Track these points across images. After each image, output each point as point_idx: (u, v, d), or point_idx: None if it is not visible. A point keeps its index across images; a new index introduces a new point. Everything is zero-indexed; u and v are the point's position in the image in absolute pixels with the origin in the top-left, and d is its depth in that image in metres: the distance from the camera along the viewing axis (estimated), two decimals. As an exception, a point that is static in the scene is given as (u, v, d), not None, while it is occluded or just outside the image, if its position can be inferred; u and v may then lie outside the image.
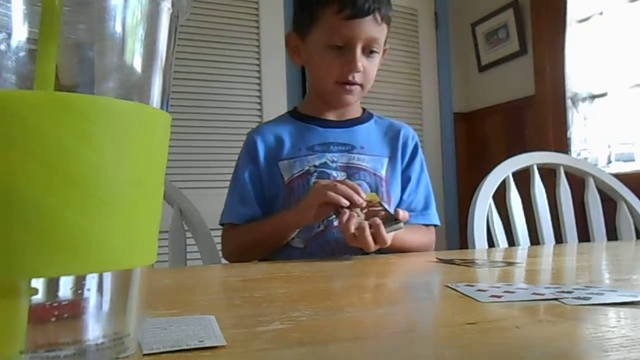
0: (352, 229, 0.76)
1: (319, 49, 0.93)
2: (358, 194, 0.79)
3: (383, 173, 0.98)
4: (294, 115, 1.04)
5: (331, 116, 1.01)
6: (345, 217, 0.77)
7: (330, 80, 0.94)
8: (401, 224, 0.78)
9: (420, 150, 1.04)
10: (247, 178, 0.97)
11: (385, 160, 0.99)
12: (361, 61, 0.91)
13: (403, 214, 0.80)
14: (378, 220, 0.77)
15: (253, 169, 0.98)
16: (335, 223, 0.88)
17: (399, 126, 1.05)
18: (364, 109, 1.06)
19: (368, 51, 0.93)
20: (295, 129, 1.00)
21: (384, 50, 1.00)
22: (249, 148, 0.99)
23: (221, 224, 0.98)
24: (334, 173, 0.94)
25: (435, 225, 1.00)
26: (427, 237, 0.98)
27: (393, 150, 1.01)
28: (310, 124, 1.00)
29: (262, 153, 0.98)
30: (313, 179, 0.93)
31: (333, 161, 0.96)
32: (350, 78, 0.92)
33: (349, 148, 0.97)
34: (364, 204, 0.79)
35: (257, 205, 0.96)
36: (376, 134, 1.03)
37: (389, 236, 0.76)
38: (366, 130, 1.02)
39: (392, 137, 1.02)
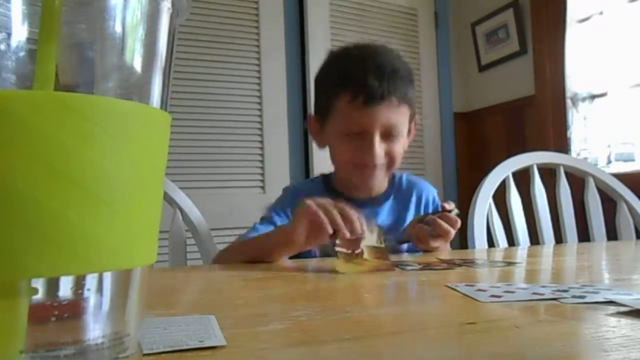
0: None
1: (336, 137, 0.92)
2: (352, 223, 0.68)
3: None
4: (327, 185, 1.02)
5: (358, 194, 0.97)
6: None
7: (350, 166, 0.93)
8: (456, 210, 0.82)
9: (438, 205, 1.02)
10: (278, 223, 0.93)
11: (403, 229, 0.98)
12: (380, 147, 0.89)
13: (448, 205, 0.82)
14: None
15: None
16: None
17: (420, 190, 1.03)
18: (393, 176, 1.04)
19: (389, 135, 0.90)
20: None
21: (414, 124, 0.98)
22: (293, 202, 0.92)
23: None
24: None
25: None
26: None
27: (415, 213, 1.00)
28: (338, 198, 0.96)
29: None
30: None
31: None
32: (369, 162, 0.90)
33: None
34: (348, 235, 0.67)
35: None
36: (398, 210, 1.01)
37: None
38: (389, 209, 1.00)
39: (414, 203, 1.01)
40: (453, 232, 0.82)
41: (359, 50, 0.93)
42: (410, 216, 1.00)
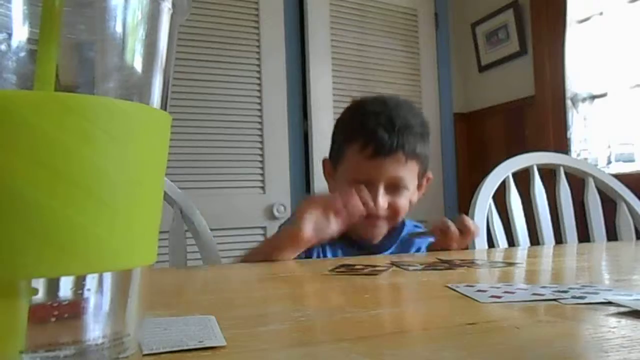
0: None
1: (344, 184, 0.94)
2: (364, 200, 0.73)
3: None
4: None
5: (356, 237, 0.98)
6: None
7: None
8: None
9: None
10: None
11: None
12: (384, 198, 0.91)
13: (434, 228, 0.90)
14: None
15: None
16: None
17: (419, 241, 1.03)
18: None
19: (394, 187, 0.92)
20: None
21: (427, 179, 1.01)
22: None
23: None
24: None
25: None
26: None
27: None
28: (341, 242, 0.96)
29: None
30: None
31: None
32: (373, 213, 0.91)
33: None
34: (361, 208, 0.72)
35: None
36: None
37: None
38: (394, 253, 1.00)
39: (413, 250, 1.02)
40: (473, 230, 0.88)
41: (376, 103, 0.96)
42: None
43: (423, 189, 1.01)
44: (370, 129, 0.90)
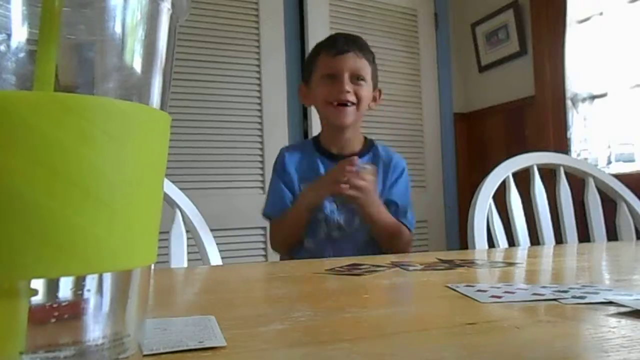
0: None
1: (318, 82, 1.23)
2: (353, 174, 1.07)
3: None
4: (316, 144, 1.29)
5: (335, 150, 1.25)
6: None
7: (328, 106, 1.20)
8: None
9: (405, 173, 1.27)
10: (282, 183, 1.23)
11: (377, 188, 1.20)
12: (349, 85, 1.18)
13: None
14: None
15: (286, 179, 1.23)
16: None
17: (391, 156, 1.28)
18: (366, 140, 1.29)
19: (355, 79, 1.20)
20: (313, 159, 1.25)
21: (379, 92, 1.29)
22: (281, 160, 1.26)
23: (266, 217, 1.26)
24: (326, 203, 1.18)
25: (409, 230, 1.21)
26: (401, 228, 1.18)
27: (383, 177, 1.23)
28: (322, 156, 1.26)
29: (291, 168, 1.24)
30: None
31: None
32: (342, 97, 1.18)
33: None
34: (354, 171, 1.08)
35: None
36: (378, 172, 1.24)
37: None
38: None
39: (384, 167, 1.25)
40: (361, 185, 1.09)
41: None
42: (387, 181, 1.24)
43: (378, 101, 1.29)
44: (333, 39, 1.24)
